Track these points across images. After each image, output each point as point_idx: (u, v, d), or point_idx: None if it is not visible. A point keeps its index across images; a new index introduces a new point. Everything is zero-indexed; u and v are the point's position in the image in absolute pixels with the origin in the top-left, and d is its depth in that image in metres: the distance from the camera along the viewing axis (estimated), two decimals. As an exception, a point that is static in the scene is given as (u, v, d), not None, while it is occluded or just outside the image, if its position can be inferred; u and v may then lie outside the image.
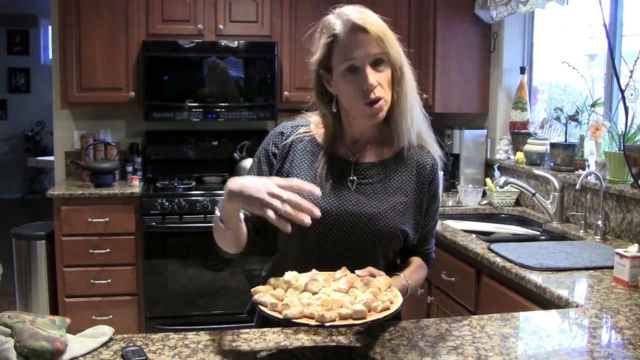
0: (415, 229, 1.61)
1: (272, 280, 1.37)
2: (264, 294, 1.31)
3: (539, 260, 2.26)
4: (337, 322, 1.21)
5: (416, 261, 1.66)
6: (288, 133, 1.63)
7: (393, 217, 1.54)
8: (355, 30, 1.45)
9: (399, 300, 1.30)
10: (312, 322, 1.21)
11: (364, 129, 1.59)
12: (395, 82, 1.50)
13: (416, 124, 1.56)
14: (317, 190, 1.34)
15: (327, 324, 1.20)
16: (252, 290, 1.34)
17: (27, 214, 7.73)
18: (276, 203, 1.28)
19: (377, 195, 1.56)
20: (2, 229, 5.04)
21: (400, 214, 1.56)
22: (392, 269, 1.60)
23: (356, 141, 1.60)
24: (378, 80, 1.46)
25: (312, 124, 1.65)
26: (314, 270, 1.40)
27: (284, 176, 1.57)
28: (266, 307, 1.28)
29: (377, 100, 1.47)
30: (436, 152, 1.64)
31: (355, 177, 1.57)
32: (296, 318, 1.22)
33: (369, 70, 1.46)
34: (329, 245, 1.54)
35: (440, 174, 1.67)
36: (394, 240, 1.56)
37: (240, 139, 4.33)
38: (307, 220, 1.29)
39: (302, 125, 1.64)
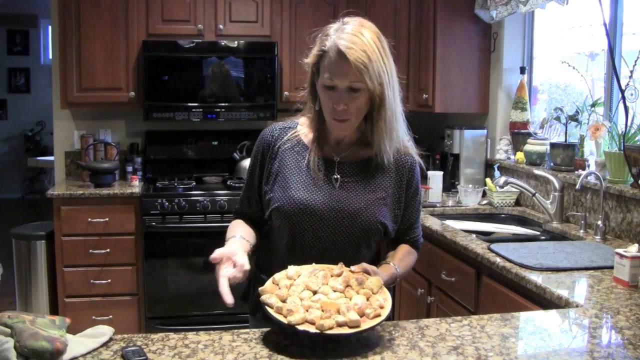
0: (394, 221, 1.73)
1: (276, 277, 1.50)
2: (270, 296, 1.43)
3: (539, 260, 2.26)
4: (335, 331, 1.34)
5: (404, 248, 1.80)
6: (277, 135, 1.76)
7: (373, 212, 1.68)
8: (339, 56, 1.55)
9: (388, 305, 1.43)
10: (313, 330, 1.34)
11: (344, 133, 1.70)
12: (375, 107, 1.60)
13: (395, 143, 1.67)
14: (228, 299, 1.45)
15: (326, 332, 1.33)
16: (260, 289, 1.46)
17: (27, 214, 7.73)
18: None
19: (358, 192, 1.69)
20: (2, 229, 5.05)
21: (380, 208, 1.69)
22: (377, 258, 1.77)
23: (340, 142, 1.72)
24: (349, 104, 1.58)
25: (299, 126, 1.76)
26: (313, 264, 1.53)
27: (273, 176, 1.73)
28: (272, 308, 1.39)
29: (343, 120, 1.60)
30: (416, 156, 1.76)
31: (339, 176, 1.70)
32: (299, 324, 1.35)
33: (343, 94, 1.57)
34: (316, 237, 1.67)
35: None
36: (374, 232, 1.69)
37: (240, 139, 4.34)
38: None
39: (290, 127, 1.77)
